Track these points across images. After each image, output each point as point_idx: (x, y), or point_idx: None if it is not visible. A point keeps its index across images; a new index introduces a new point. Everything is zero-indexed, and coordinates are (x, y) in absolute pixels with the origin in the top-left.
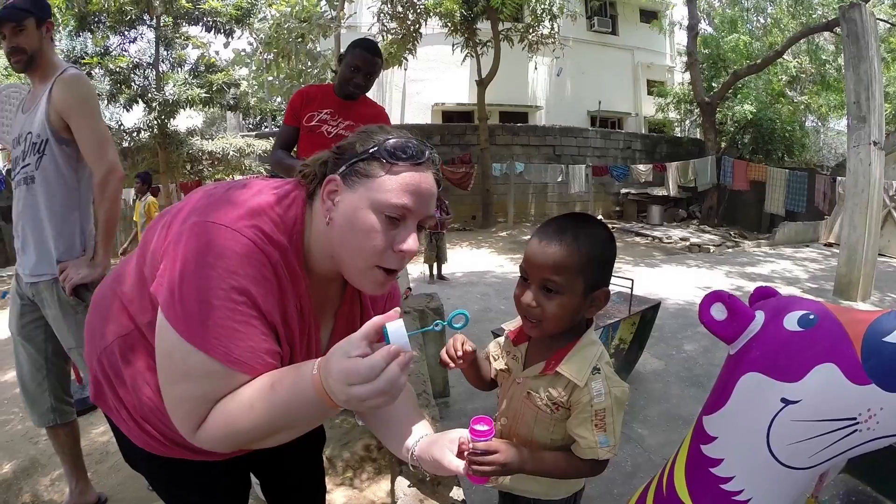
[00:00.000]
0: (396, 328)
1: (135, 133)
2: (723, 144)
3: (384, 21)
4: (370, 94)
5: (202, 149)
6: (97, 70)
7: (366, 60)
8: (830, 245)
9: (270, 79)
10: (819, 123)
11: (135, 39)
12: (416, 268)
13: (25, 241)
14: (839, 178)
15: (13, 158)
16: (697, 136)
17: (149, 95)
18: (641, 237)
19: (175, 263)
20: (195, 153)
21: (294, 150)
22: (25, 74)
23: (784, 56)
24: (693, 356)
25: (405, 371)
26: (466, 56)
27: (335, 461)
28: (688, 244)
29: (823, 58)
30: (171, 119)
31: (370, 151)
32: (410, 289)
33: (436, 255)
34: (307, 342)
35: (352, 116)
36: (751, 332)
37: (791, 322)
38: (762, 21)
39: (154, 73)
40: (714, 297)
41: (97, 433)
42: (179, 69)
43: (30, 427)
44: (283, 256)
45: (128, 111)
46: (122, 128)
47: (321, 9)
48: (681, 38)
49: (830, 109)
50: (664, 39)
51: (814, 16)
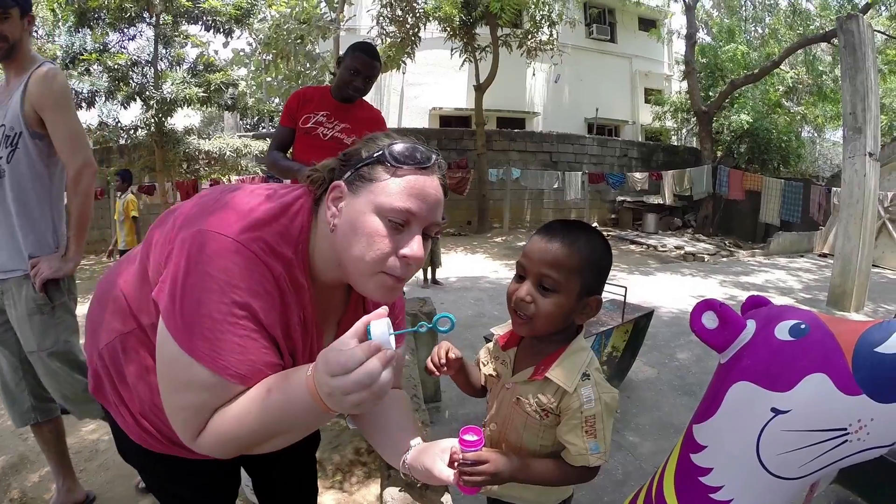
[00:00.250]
0: (378, 326)
1: (132, 131)
2: (719, 154)
3: (383, 24)
4: (367, 98)
5: (199, 148)
6: (95, 66)
7: (365, 64)
8: (825, 255)
9: (269, 79)
10: (815, 134)
11: (134, 37)
12: None
13: None
14: (834, 189)
15: None
16: (694, 145)
17: (147, 93)
18: (636, 245)
19: (177, 273)
20: (192, 152)
21: (290, 152)
22: (1, 65)
23: (781, 66)
24: (686, 365)
25: (387, 367)
26: (465, 61)
27: (325, 464)
28: (682, 253)
29: (820, 69)
30: (169, 117)
31: (375, 156)
32: (404, 292)
33: (430, 259)
34: (310, 352)
35: (348, 119)
36: (742, 341)
37: (782, 331)
38: (760, 31)
39: (152, 71)
40: (705, 306)
41: (86, 431)
42: (178, 68)
43: None
44: (287, 268)
45: (125, 108)
46: (120, 125)
47: (321, 10)
48: (679, 47)
49: (827, 120)
50: (662, 48)
51: (811, 27)
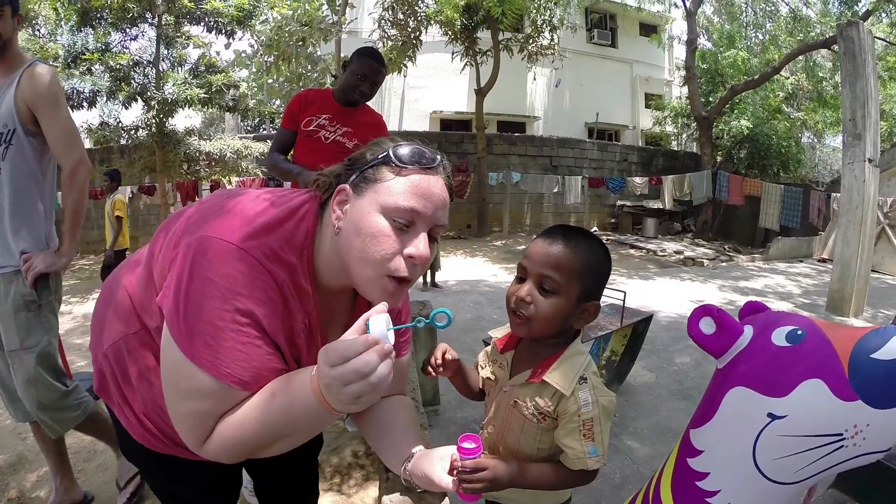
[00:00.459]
0: (377, 321)
1: (133, 131)
2: (719, 159)
3: (385, 27)
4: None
5: (200, 149)
6: (97, 66)
7: (372, 69)
8: (824, 261)
9: (270, 81)
10: (815, 140)
11: (136, 37)
12: None
13: None
14: (834, 195)
15: None
16: (694, 150)
17: (148, 94)
18: (636, 249)
19: (181, 279)
20: (192, 153)
21: (290, 154)
22: None
23: (781, 72)
24: (684, 369)
25: (384, 359)
26: (466, 65)
27: (323, 466)
28: (682, 257)
29: (820, 75)
30: (170, 118)
31: (380, 157)
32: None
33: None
34: (314, 358)
35: (350, 123)
36: (739, 347)
37: (779, 337)
38: (760, 37)
39: (154, 72)
40: (703, 312)
41: None
42: (179, 68)
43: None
44: (291, 275)
45: (126, 108)
46: (121, 125)
47: (323, 13)
48: (679, 53)
49: (826, 126)
50: (663, 53)
51: (811, 33)
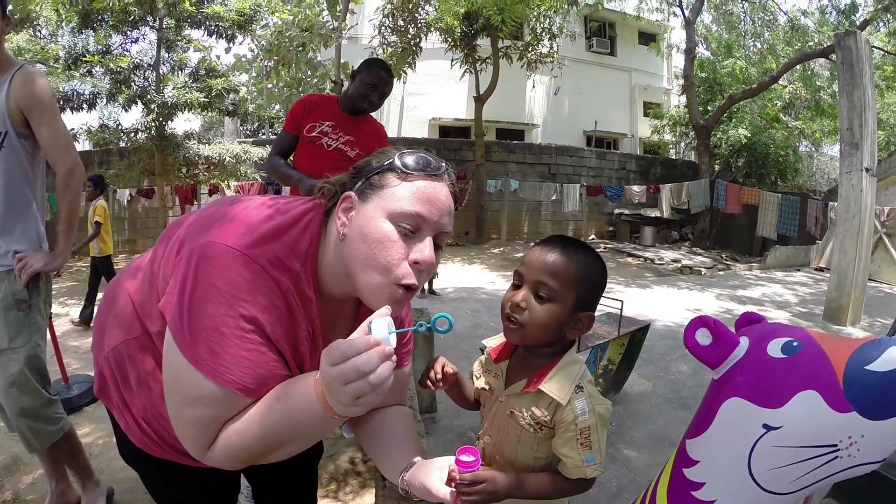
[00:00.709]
0: (379, 324)
1: (132, 134)
2: (717, 167)
3: (385, 34)
4: None
5: (199, 153)
6: (98, 68)
7: (383, 80)
8: (821, 269)
9: (270, 86)
10: (812, 149)
11: (137, 40)
12: None
13: None
14: (831, 203)
15: None
16: (692, 159)
17: (148, 97)
18: (633, 258)
19: (185, 284)
20: (192, 157)
21: (290, 159)
22: None
23: (779, 82)
24: (681, 378)
25: (385, 361)
26: (465, 72)
27: (320, 472)
28: (679, 266)
29: (818, 84)
30: (169, 121)
31: (386, 164)
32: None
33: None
34: (317, 365)
35: (353, 132)
36: (735, 358)
37: (774, 349)
38: (758, 47)
39: (154, 75)
40: (699, 323)
41: (81, 434)
42: (180, 72)
43: None
44: (295, 282)
45: (126, 111)
46: (120, 128)
47: (323, 19)
48: (678, 62)
49: (824, 135)
50: (661, 62)
51: (809, 43)
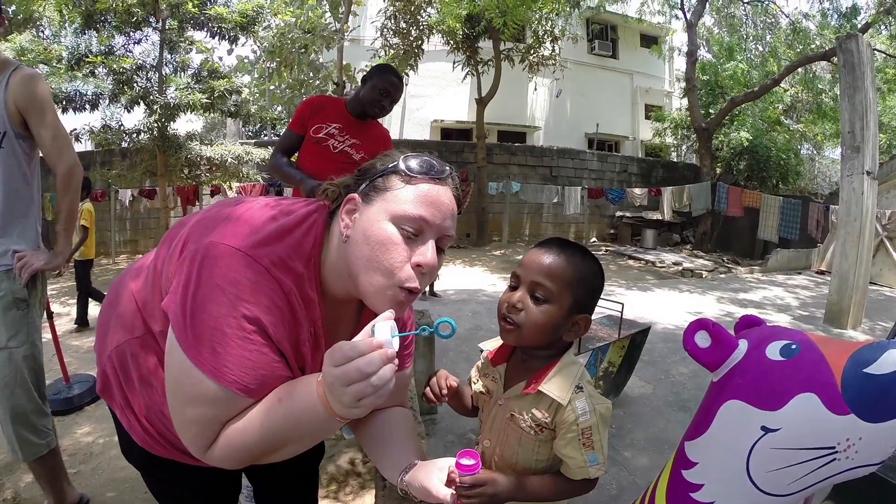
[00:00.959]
0: (383, 326)
1: (134, 134)
2: (718, 170)
3: (387, 36)
4: None
5: (201, 154)
6: (100, 69)
7: (394, 86)
8: (822, 272)
9: (272, 87)
10: (814, 152)
11: (139, 41)
12: None
13: None
14: (832, 206)
15: None
16: (693, 162)
17: (150, 97)
18: (635, 260)
19: (188, 284)
20: (194, 158)
21: (293, 158)
22: None
23: (781, 85)
24: (681, 381)
25: (386, 363)
26: (467, 74)
27: (320, 473)
28: (681, 269)
29: (820, 87)
30: (172, 122)
31: (390, 167)
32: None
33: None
34: (319, 366)
35: (359, 135)
36: (734, 361)
37: (773, 351)
38: (760, 49)
39: (157, 76)
40: (698, 325)
41: (81, 433)
42: (182, 73)
43: None
44: (298, 283)
45: (129, 112)
46: (123, 128)
47: (325, 21)
48: (680, 64)
49: (826, 138)
50: (663, 65)
51: (811, 46)
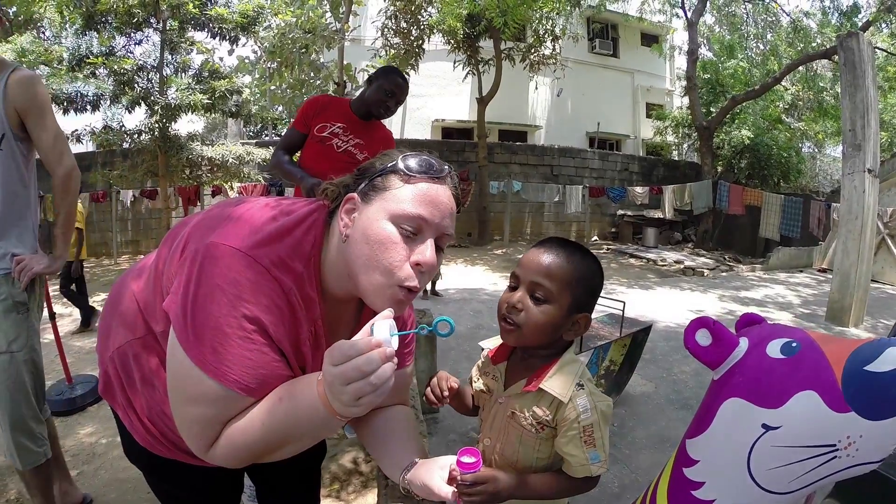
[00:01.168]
0: (382, 325)
1: (136, 135)
2: (719, 169)
3: (388, 36)
4: None
5: (202, 154)
6: (101, 70)
7: (400, 87)
8: (824, 270)
9: (273, 88)
10: (815, 150)
11: (140, 42)
12: None
13: None
14: (834, 204)
15: None
16: (695, 160)
17: (151, 98)
18: (636, 259)
19: (189, 285)
20: (195, 158)
21: (295, 157)
22: None
23: (782, 83)
24: (683, 379)
25: (386, 362)
26: (468, 73)
27: (322, 472)
28: (682, 267)
29: (821, 85)
30: (173, 123)
31: (389, 166)
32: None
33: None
34: (319, 366)
35: (363, 135)
36: (734, 359)
37: (774, 349)
38: (761, 48)
39: (158, 77)
40: (699, 324)
41: (84, 434)
42: (183, 74)
43: None
44: (298, 283)
45: (130, 113)
46: (124, 129)
47: (326, 21)
48: (681, 63)
49: (827, 136)
50: (664, 63)
51: (812, 44)
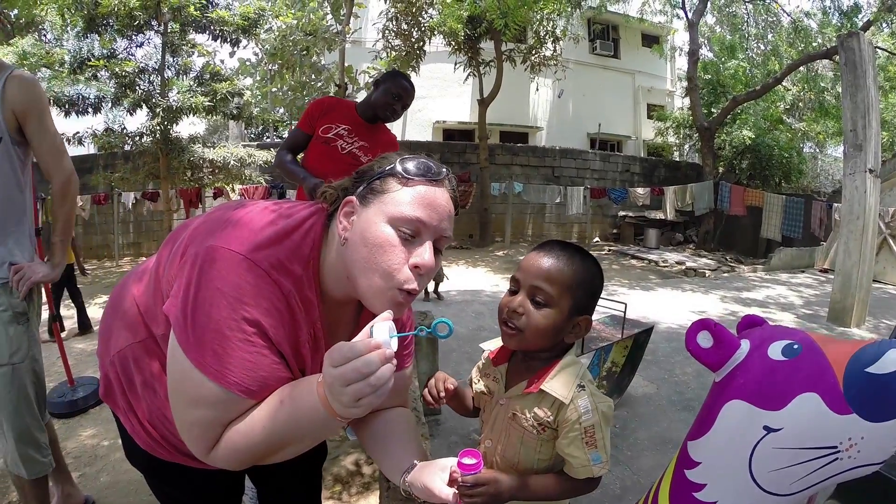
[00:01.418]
0: (381, 327)
1: (137, 137)
2: (721, 169)
3: (389, 38)
4: None
5: (203, 156)
6: (103, 72)
7: (407, 91)
8: (826, 271)
9: (274, 90)
10: (817, 150)
11: (142, 44)
12: None
13: None
14: (835, 205)
15: None
16: (696, 161)
17: (153, 101)
18: (637, 260)
19: (189, 288)
20: (196, 160)
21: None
22: None
23: (783, 83)
24: (685, 380)
25: (385, 363)
26: (469, 75)
27: (324, 475)
28: (684, 268)
29: (822, 85)
30: (174, 125)
31: (387, 169)
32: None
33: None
34: (319, 368)
35: (368, 138)
36: (736, 361)
37: (775, 351)
38: (762, 48)
39: (159, 79)
40: (700, 326)
41: (86, 436)
42: (184, 76)
43: None
44: (297, 286)
45: (131, 115)
46: (125, 131)
47: (327, 23)
48: (681, 64)
49: (828, 136)
50: (665, 64)
51: (813, 44)
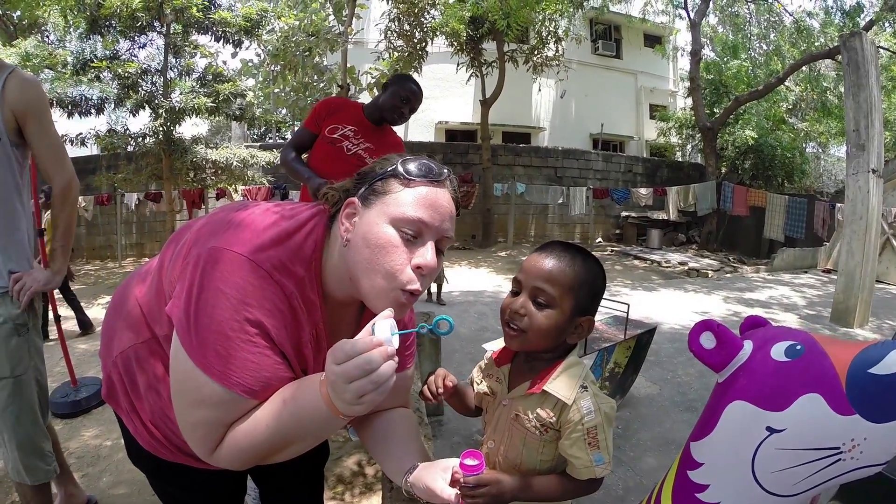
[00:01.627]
0: (382, 325)
1: (140, 138)
2: (723, 170)
3: (391, 38)
4: None
5: (206, 157)
6: (106, 73)
7: (416, 95)
8: (829, 271)
9: (276, 90)
10: (819, 150)
11: (144, 45)
12: None
13: None
14: (838, 205)
15: None
16: (698, 161)
17: (155, 102)
18: (640, 260)
19: (191, 289)
20: (199, 161)
21: (305, 156)
22: None
23: (785, 83)
24: (688, 381)
25: (387, 361)
26: (471, 76)
27: (327, 475)
28: (686, 268)
29: (824, 85)
30: (177, 126)
31: (388, 171)
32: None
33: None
34: (321, 368)
35: (373, 140)
36: (738, 362)
37: (778, 352)
38: (764, 48)
39: (162, 80)
40: (703, 326)
41: (89, 436)
42: (187, 77)
43: None
44: (299, 287)
45: (134, 116)
46: (128, 132)
47: (329, 24)
48: (684, 64)
49: (831, 136)
50: (667, 64)
51: (815, 44)
